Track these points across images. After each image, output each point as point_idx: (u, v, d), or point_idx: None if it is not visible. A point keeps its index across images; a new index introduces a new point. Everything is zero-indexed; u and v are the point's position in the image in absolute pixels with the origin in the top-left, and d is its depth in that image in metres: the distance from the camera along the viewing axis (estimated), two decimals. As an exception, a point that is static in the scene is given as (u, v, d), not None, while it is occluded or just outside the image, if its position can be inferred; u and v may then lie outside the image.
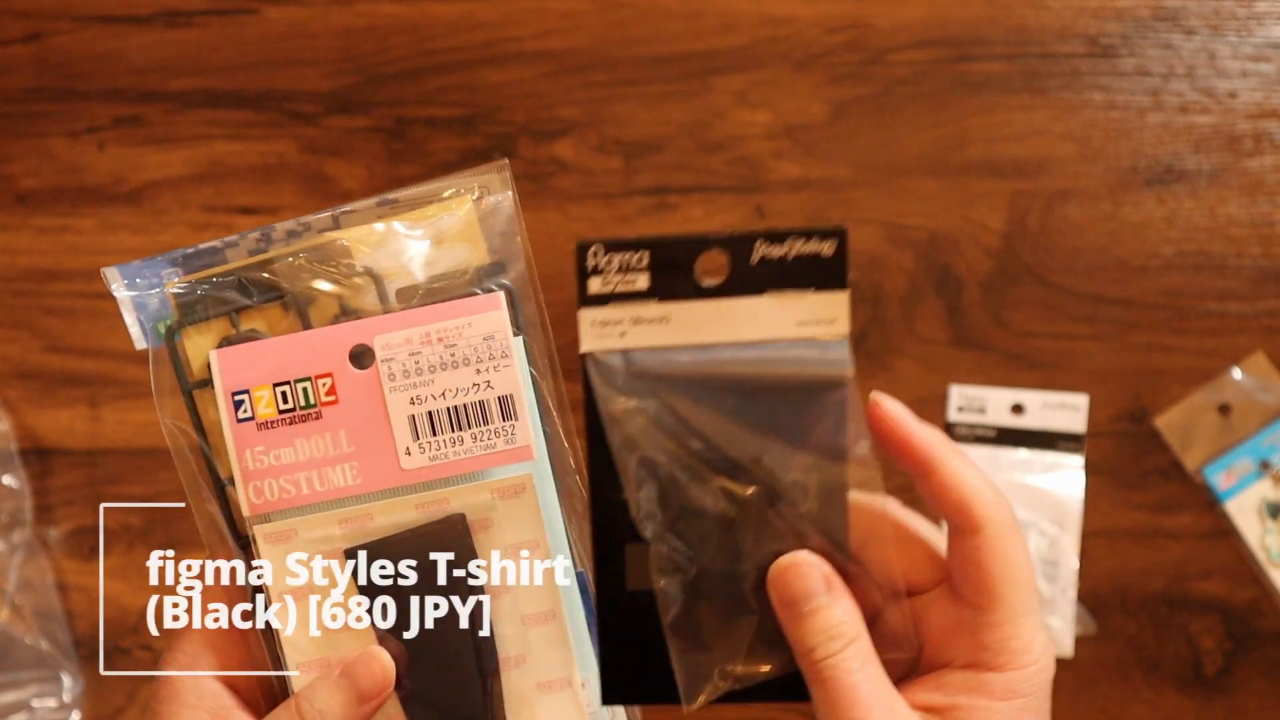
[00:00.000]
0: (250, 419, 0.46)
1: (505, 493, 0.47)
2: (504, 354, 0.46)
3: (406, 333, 0.46)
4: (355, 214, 0.47)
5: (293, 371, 0.46)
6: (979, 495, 0.42)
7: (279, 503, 0.46)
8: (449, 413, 0.46)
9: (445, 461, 0.46)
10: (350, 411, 0.46)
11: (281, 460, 0.46)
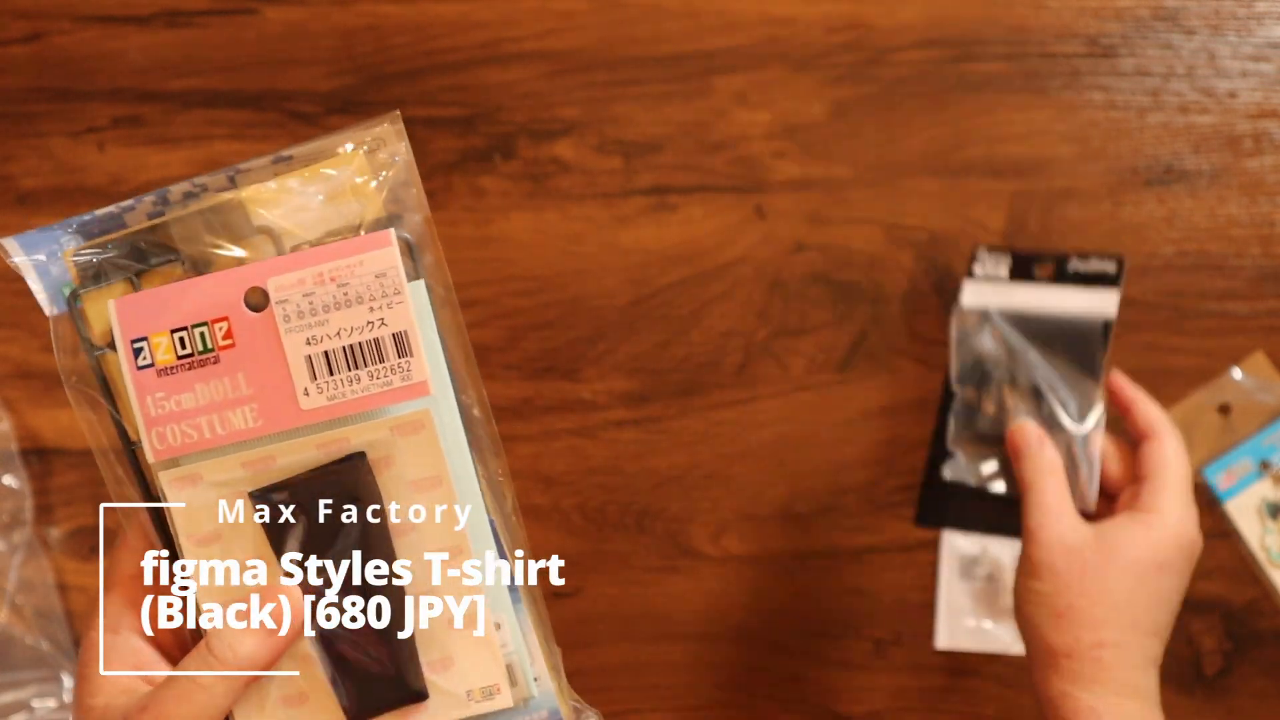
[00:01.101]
0: (150, 365, 0.46)
1: (404, 429, 0.47)
2: (396, 291, 0.46)
3: (299, 274, 0.46)
4: (250, 173, 0.47)
5: (189, 317, 0.46)
6: (1156, 417, 0.66)
7: (182, 447, 0.46)
8: (345, 351, 0.46)
9: (343, 400, 0.46)
10: (247, 354, 0.46)
11: (182, 405, 0.46)
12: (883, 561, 0.79)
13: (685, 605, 0.79)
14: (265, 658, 0.45)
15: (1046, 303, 0.72)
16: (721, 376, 0.79)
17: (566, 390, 0.79)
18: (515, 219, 0.78)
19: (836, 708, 0.79)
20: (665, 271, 0.78)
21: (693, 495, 0.79)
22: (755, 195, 0.78)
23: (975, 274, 0.74)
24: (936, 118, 0.78)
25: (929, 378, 0.78)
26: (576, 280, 0.78)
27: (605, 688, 0.78)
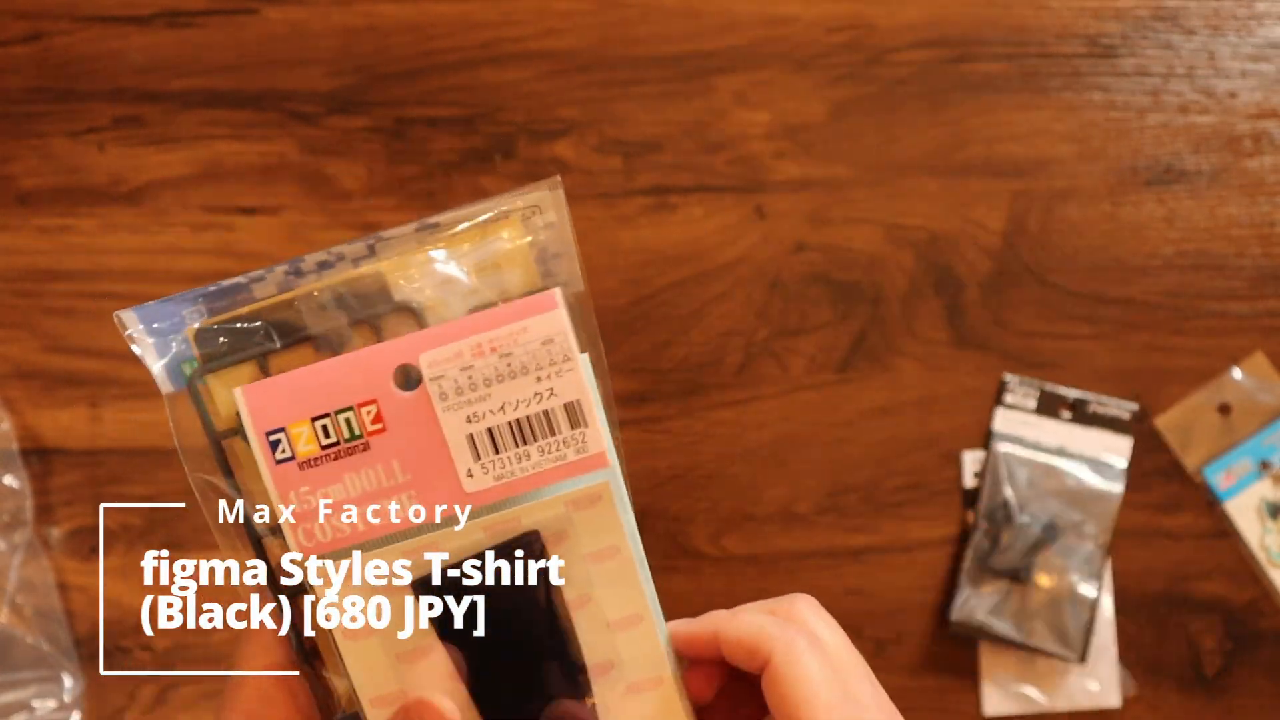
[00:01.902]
0: (290, 459, 0.41)
1: (581, 504, 0.43)
2: (565, 358, 0.42)
3: (455, 346, 0.41)
4: (392, 241, 0.43)
5: (331, 402, 0.41)
6: (758, 631, 0.42)
7: (333, 543, 0.42)
8: (511, 427, 0.42)
9: (512, 479, 0.42)
10: (401, 438, 0.42)
11: (332, 499, 0.42)
12: (883, 561, 0.79)
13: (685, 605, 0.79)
14: None
15: (1066, 441, 0.78)
16: (721, 376, 0.79)
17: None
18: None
19: (836, 708, 0.79)
20: (665, 271, 0.78)
21: (693, 495, 0.79)
22: (755, 195, 0.78)
23: (1005, 401, 0.78)
24: (936, 118, 0.78)
25: (929, 378, 0.78)
26: (576, 280, 0.78)
27: (605, 688, 0.78)
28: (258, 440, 0.41)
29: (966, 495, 0.78)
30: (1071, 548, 0.76)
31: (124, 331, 0.43)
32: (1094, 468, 0.77)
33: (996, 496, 0.77)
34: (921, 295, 0.78)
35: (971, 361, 0.78)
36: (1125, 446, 0.77)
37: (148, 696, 0.78)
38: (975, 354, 0.78)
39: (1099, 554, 0.76)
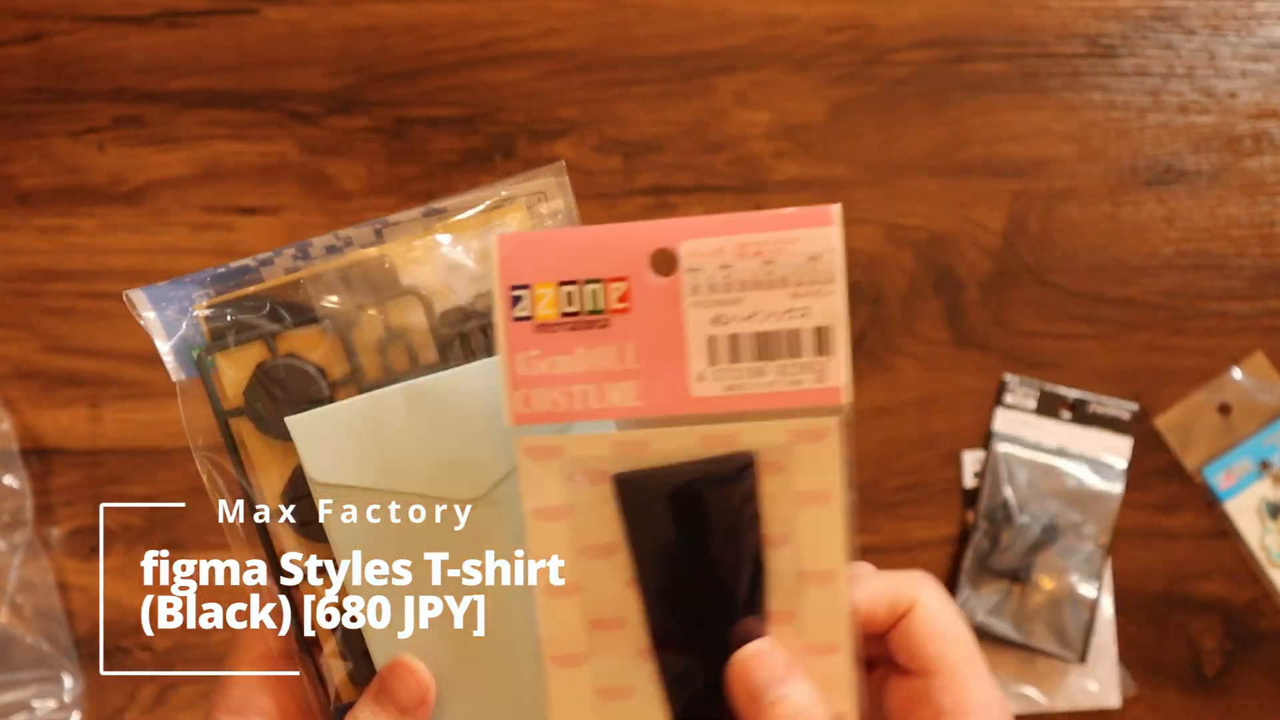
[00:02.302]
0: (528, 318, 0.40)
1: (805, 437, 0.41)
2: (828, 279, 0.40)
3: (720, 240, 0.40)
4: (399, 226, 0.43)
5: (583, 270, 0.40)
6: (902, 583, 0.44)
7: (546, 415, 0.40)
8: (755, 338, 0.40)
9: (741, 394, 0.40)
10: (642, 323, 0.40)
11: (557, 369, 0.40)
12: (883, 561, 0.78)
13: (685, 605, 0.79)
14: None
15: (1066, 441, 0.78)
16: (721, 376, 0.79)
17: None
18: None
19: (836, 708, 0.79)
20: (665, 271, 0.78)
21: (693, 495, 0.79)
22: (755, 195, 0.78)
23: (1005, 401, 0.78)
24: (936, 118, 0.78)
25: (929, 378, 0.78)
26: (576, 280, 0.78)
27: (605, 688, 0.78)
28: (500, 292, 0.40)
29: (966, 495, 0.78)
30: (1071, 548, 0.76)
31: (134, 310, 0.42)
32: (1094, 468, 0.77)
33: (996, 497, 0.77)
34: (921, 295, 0.78)
35: (971, 361, 0.78)
36: (1125, 447, 0.77)
37: (148, 696, 0.78)
38: (975, 354, 0.78)
39: (1099, 554, 0.76)
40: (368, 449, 0.42)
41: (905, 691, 0.43)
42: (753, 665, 0.41)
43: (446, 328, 0.43)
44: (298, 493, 0.43)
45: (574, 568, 0.42)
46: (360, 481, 0.42)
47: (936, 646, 0.43)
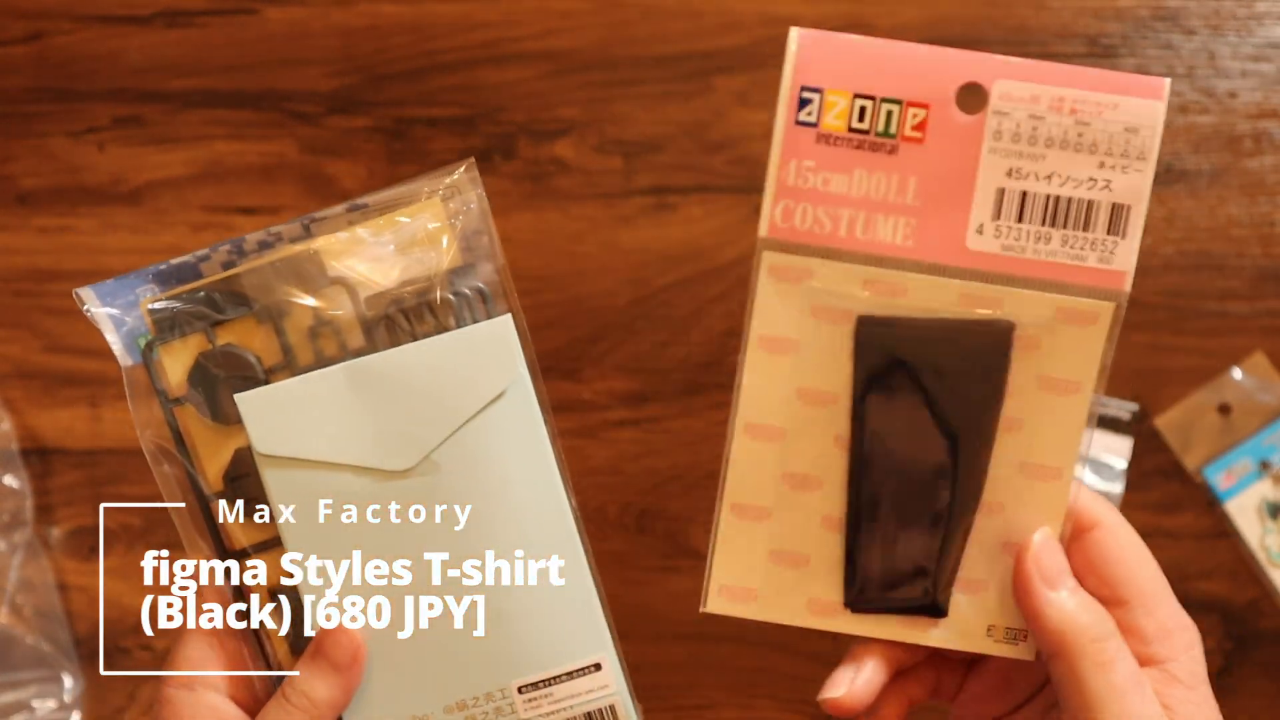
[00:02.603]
0: (812, 124, 0.38)
1: (1072, 318, 0.39)
2: (1141, 155, 0.37)
3: (1035, 88, 0.37)
4: (326, 221, 0.46)
5: (883, 86, 0.37)
6: (1084, 495, 0.42)
7: (805, 235, 0.38)
8: (1048, 200, 0.38)
9: (1018, 256, 0.38)
10: (932, 157, 0.37)
11: (829, 187, 0.38)
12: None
13: (685, 605, 0.79)
14: (341, 698, 0.45)
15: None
16: (721, 376, 0.79)
17: (566, 390, 0.79)
18: (515, 219, 0.78)
19: (836, 708, 0.79)
20: (665, 271, 0.78)
21: (693, 495, 0.79)
22: (755, 195, 0.78)
23: None
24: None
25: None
26: (576, 280, 0.78)
27: (605, 688, 0.78)
28: (788, 90, 0.38)
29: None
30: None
31: (83, 307, 0.46)
32: (1094, 468, 0.77)
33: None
34: (921, 295, 0.78)
35: (971, 361, 0.78)
36: (1125, 447, 0.77)
37: (148, 696, 0.78)
38: (975, 354, 0.78)
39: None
40: (310, 424, 0.45)
41: None
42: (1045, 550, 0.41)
43: (371, 313, 0.46)
44: (239, 471, 0.46)
45: (783, 411, 0.40)
46: (302, 454, 0.45)
47: (1129, 570, 0.42)
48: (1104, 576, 0.42)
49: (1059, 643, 0.40)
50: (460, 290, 0.46)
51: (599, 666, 0.47)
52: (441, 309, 0.46)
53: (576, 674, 0.47)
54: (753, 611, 0.43)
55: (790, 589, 0.42)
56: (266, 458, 0.45)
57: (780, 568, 0.42)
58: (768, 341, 0.39)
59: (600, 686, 0.47)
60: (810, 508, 0.41)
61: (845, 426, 0.40)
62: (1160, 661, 0.41)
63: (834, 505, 0.41)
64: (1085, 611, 0.40)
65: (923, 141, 0.37)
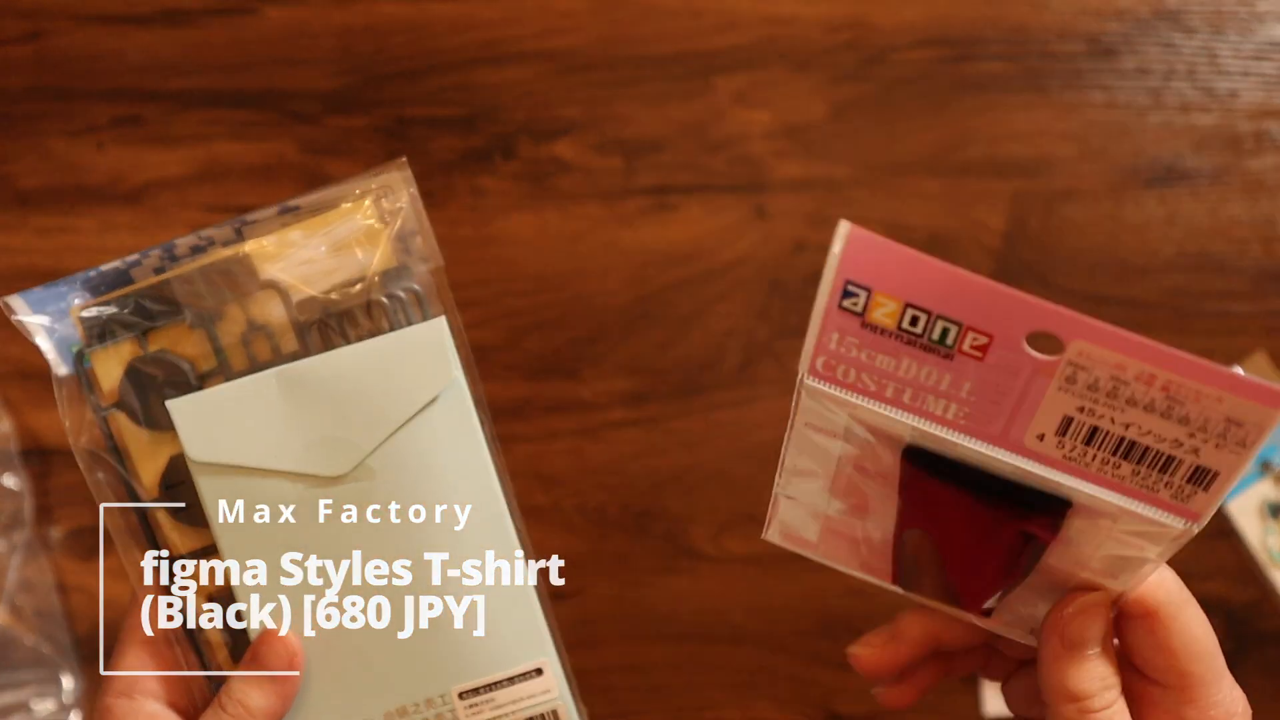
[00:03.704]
0: (857, 314, 0.34)
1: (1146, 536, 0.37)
2: (1241, 444, 0.33)
3: (1124, 359, 0.34)
4: (258, 224, 0.46)
5: (942, 305, 0.33)
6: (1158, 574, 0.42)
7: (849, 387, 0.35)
8: (1122, 441, 0.34)
9: (1083, 468, 0.35)
10: (991, 375, 0.34)
11: (875, 362, 0.34)
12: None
13: (685, 605, 0.79)
14: (279, 706, 0.45)
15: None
16: (721, 376, 0.79)
17: (566, 390, 0.79)
18: (515, 219, 0.78)
19: (836, 708, 0.79)
20: (665, 271, 0.78)
21: (693, 495, 0.79)
22: (755, 195, 0.78)
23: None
24: (936, 118, 0.78)
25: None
26: (576, 280, 0.78)
27: (606, 688, 0.78)
28: (832, 280, 0.34)
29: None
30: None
31: (12, 316, 0.45)
32: None
33: None
34: (922, 295, 0.78)
35: (972, 361, 0.78)
36: None
37: (147, 697, 0.78)
38: (976, 354, 0.78)
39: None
40: (243, 430, 0.44)
41: (1145, 697, 0.43)
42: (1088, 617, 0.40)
43: (304, 317, 0.45)
44: (175, 479, 0.45)
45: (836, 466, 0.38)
46: (236, 460, 0.44)
47: (1189, 664, 0.42)
48: (1163, 664, 0.42)
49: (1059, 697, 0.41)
50: (394, 292, 0.45)
51: (541, 671, 0.47)
52: (375, 311, 0.45)
53: (518, 679, 0.47)
54: (809, 553, 0.43)
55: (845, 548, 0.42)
56: (200, 464, 0.45)
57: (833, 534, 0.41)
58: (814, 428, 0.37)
59: (543, 691, 0.47)
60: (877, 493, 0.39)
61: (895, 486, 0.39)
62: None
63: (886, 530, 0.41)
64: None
65: (982, 360, 0.34)
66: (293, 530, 0.45)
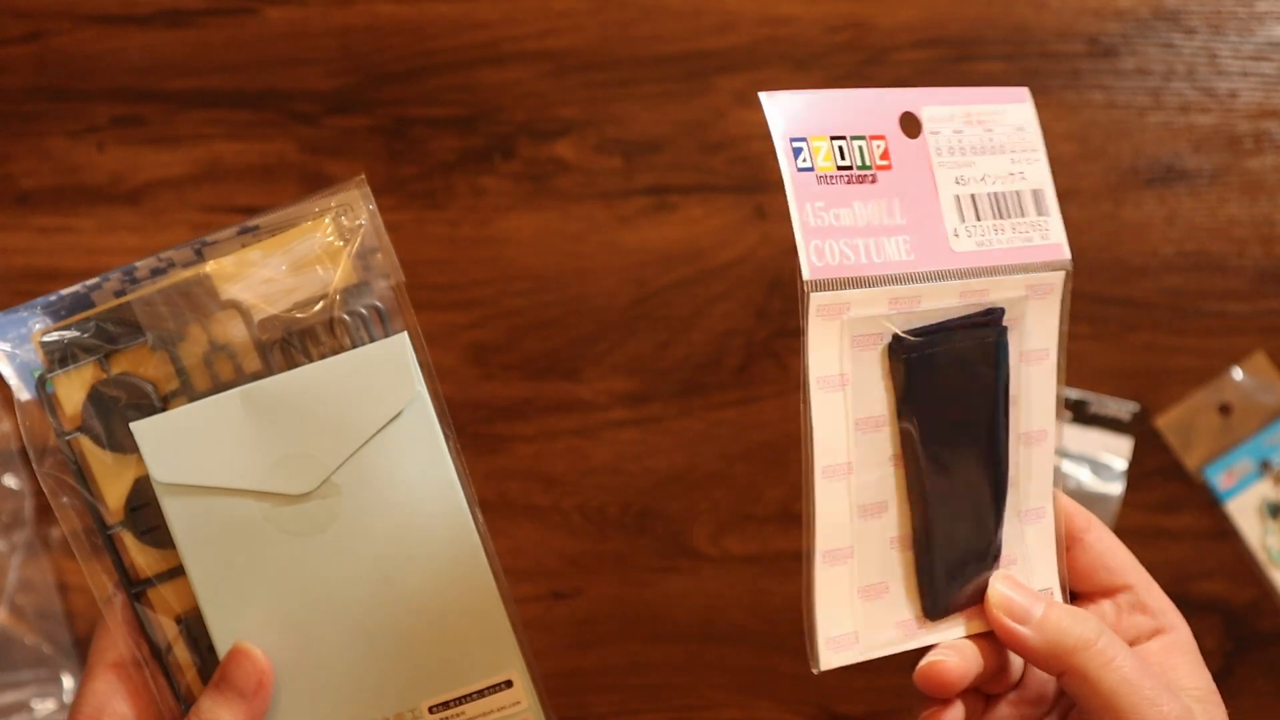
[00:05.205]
0: (809, 169, 0.43)
1: (1037, 292, 0.45)
2: (1034, 148, 0.45)
3: (950, 109, 0.44)
4: (218, 245, 0.46)
5: (848, 127, 0.43)
6: (1068, 501, 0.47)
7: (839, 268, 0.42)
8: (990, 199, 0.45)
9: (989, 249, 0.44)
10: (902, 180, 0.43)
11: (840, 221, 0.42)
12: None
13: (685, 605, 0.79)
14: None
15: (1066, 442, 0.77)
16: (721, 376, 0.79)
17: (566, 390, 0.79)
18: (515, 219, 0.78)
19: (836, 708, 0.79)
20: (665, 271, 0.78)
21: (693, 495, 0.79)
22: (755, 195, 0.78)
23: None
24: (937, 118, 0.78)
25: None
26: (577, 280, 0.78)
27: (605, 688, 0.78)
28: (782, 145, 0.43)
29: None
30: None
31: None
32: (1094, 468, 0.77)
33: None
34: (922, 295, 0.78)
35: (972, 361, 0.78)
36: (1125, 447, 0.77)
37: None
38: (975, 354, 0.78)
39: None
40: (208, 450, 0.44)
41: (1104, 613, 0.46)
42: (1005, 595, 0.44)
43: (266, 336, 0.45)
44: (140, 501, 0.45)
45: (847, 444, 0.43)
46: (201, 481, 0.45)
47: (1123, 559, 0.47)
48: (1109, 568, 0.47)
49: (1059, 661, 0.43)
50: (355, 309, 0.45)
51: (510, 683, 0.47)
52: (337, 329, 0.45)
53: (488, 691, 0.47)
54: (857, 655, 0.44)
55: (880, 620, 0.44)
56: (165, 486, 0.44)
57: (867, 602, 0.44)
58: (824, 381, 0.42)
59: (512, 703, 0.47)
60: (880, 534, 0.44)
61: (896, 445, 0.44)
62: (1166, 631, 0.46)
63: (900, 524, 0.44)
64: (1070, 622, 0.43)
65: (891, 168, 0.43)
66: (259, 549, 0.45)
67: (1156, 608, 0.46)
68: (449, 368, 0.77)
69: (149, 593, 0.46)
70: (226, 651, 0.45)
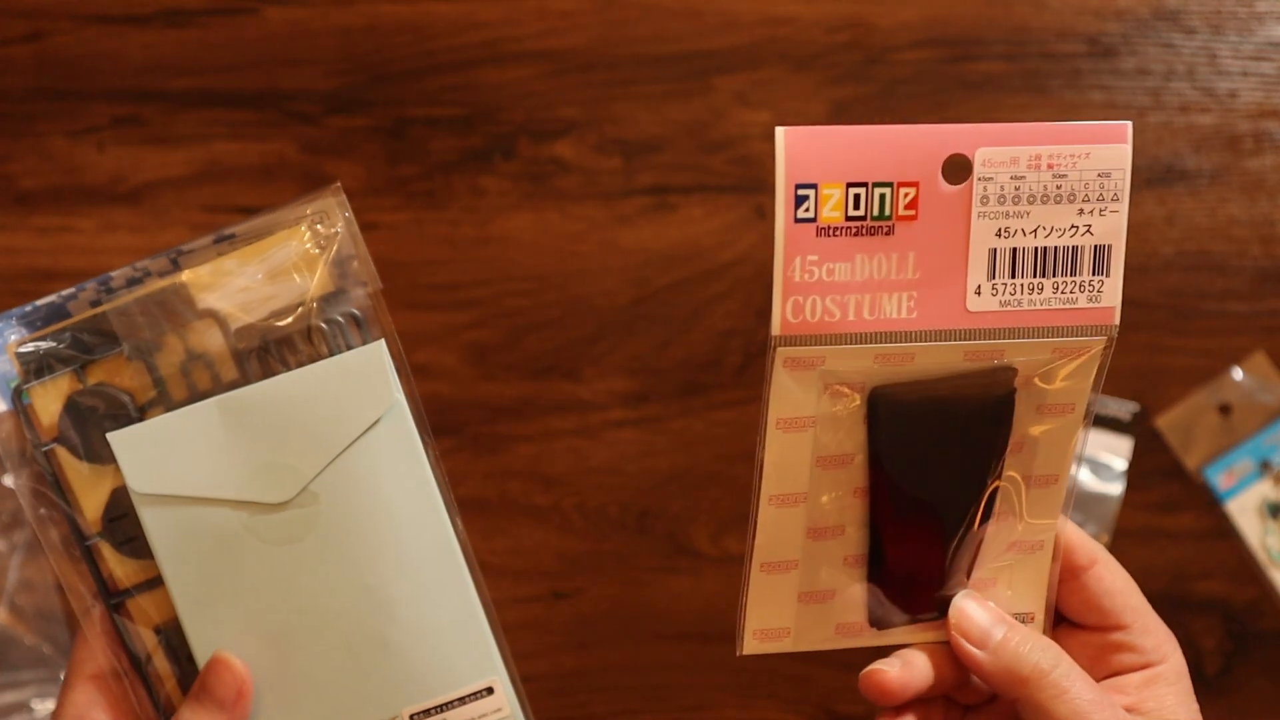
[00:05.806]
0: (810, 220, 0.39)
1: (1068, 354, 0.42)
2: (1115, 198, 0.42)
3: (1015, 150, 0.39)
4: (194, 254, 0.46)
5: (873, 172, 0.39)
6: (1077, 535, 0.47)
7: (816, 326, 0.40)
8: (1036, 253, 0.41)
9: (1016, 309, 0.40)
10: (926, 232, 0.39)
11: (833, 277, 0.39)
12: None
13: (685, 605, 0.79)
14: None
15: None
16: (721, 376, 0.79)
17: (566, 390, 0.79)
18: (515, 219, 0.78)
19: (836, 708, 0.79)
20: (665, 271, 0.78)
21: (693, 495, 0.79)
22: (755, 195, 0.78)
23: None
24: (936, 118, 0.78)
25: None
26: (576, 280, 0.78)
27: (605, 688, 0.78)
28: (784, 190, 0.39)
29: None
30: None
31: None
32: (1093, 468, 0.77)
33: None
34: (922, 295, 0.78)
35: (972, 361, 0.78)
36: (1125, 447, 0.77)
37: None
38: (975, 354, 0.78)
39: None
40: (185, 460, 0.44)
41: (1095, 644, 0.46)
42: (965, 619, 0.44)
43: (243, 345, 0.45)
44: (118, 512, 0.45)
45: (805, 478, 0.42)
46: (179, 491, 0.44)
47: (1125, 599, 0.46)
48: (1103, 609, 0.46)
49: (1013, 687, 0.43)
50: (333, 317, 0.45)
51: (491, 690, 0.47)
52: (315, 337, 0.45)
53: (469, 698, 0.46)
54: (786, 646, 0.44)
55: (819, 621, 0.44)
56: (143, 496, 0.44)
57: (809, 605, 0.44)
58: (786, 423, 0.41)
59: (494, 710, 0.47)
60: (833, 552, 0.43)
61: (863, 479, 0.43)
62: (1152, 665, 0.46)
63: (855, 546, 0.43)
64: (1028, 649, 0.43)
65: (916, 218, 0.39)
66: (238, 558, 0.45)
67: (1149, 646, 0.46)
68: (449, 368, 0.77)
69: (128, 603, 0.45)
70: (206, 662, 0.45)
